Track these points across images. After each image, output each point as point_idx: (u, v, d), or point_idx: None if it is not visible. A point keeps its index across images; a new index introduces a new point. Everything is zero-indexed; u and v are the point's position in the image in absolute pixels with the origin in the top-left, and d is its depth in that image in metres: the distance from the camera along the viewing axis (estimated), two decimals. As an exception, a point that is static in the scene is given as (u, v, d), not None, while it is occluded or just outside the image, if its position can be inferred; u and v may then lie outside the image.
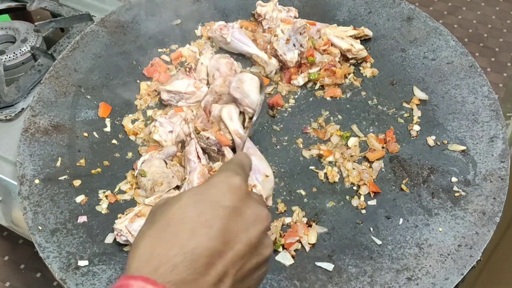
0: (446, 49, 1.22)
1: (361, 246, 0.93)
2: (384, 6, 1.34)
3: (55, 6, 1.54)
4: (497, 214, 0.94)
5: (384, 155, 1.06)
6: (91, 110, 1.17)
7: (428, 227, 0.94)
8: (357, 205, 0.99)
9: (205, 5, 1.39)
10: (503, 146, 1.03)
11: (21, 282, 1.80)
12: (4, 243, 1.88)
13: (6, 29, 1.44)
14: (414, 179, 1.02)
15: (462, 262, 0.88)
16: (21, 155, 1.06)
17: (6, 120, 1.27)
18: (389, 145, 1.06)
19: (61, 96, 1.18)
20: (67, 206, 0.99)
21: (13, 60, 1.37)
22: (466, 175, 1.00)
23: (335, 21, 1.32)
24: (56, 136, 1.10)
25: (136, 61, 1.26)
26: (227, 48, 1.25)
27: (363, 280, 0.88)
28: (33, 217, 0.96)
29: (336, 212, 0.98)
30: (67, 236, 0.95)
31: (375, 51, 1.25)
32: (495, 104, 1.10)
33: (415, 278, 0.87)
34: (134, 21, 1.34)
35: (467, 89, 1.14)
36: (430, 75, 1.19)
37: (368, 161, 1.05)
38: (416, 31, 1.27)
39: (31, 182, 1.02)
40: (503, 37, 2.53)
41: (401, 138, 1.09)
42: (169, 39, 1.32)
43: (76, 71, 1.23)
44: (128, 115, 1.16)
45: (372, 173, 1.02)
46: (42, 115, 1.13)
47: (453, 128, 1.08)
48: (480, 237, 0.91)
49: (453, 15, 2.64)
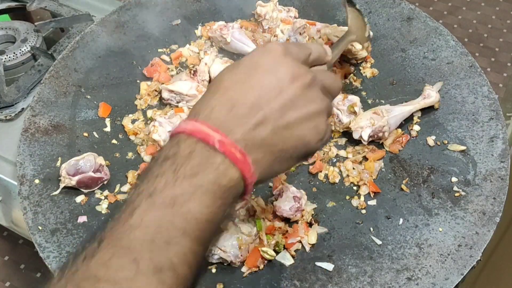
0: (446, 49, 1.22)
1: (361, 246, 0.93)
2: (384, 6, 1.34)
3: (55, 6, 1.54)
4: (497, 214, 0.94)
5: (384, 155, 1.06)
6: (91, 110, 1.17)
7: (428, 227, 0.94)
8: (357, 205, 0.99)
9: (205, 5, 1.39)
10: (503, 146, 1.03)
11: (21, 282, 1.80)
12: (4, 243, 1.88)
13: (6, 29, 1.44)
14: (414, 179, 1.02)
15: (462, 262, 0.88)
16: (21, 155, 1.06)
17: (6, 120, 1.28)
18: (390, 146, 1.06)
19: (61, 96, 1.18)
20: (67, 206, 0.99)
21: (13, 60, 1.37)
22: (466, 175, 1.00)
23: (335, 21, 1.32)
24: (56, 136, 1.11)
25: (136, 61, 1.26)
26: (227, 48, 1.25)
27: (363, 280, 0.88)
28: (33, 217, 0.96)
29: (336, 212, 0.98)
30: (67, 236, 0.95)
31: (375, 51, 1.25)
32: (495, 104, 1.10)
33: (415, 278, 0.87)
34: (134, 21, 1.34)
35: (467, 89, 1.14)
36: (430, 75, 1.19)
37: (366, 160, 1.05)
38: (416, 31, 1.27)
39: (31, 182, 1.02)
40: (503, 37, 2.53)
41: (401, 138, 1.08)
42: (169, 39, 1.32)
43: (76, 71, 1.23)
44: (128, 115, 1.16)
45: (373, 173, 1.02)
46: (42, 115, 1.13)
47: (453, 128, 1.08)
48: (480, 237, 0.91)
49: (453, 15, 2.64)
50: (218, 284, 0.89)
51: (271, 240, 0.92)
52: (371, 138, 1.03)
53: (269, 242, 0.92)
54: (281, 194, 0.95)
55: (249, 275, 0.90)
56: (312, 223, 0.96)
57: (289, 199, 0.94)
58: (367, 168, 1.02)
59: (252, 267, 0.90)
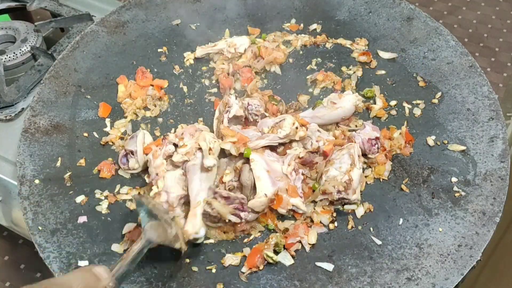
0: (446, 49, 1.22)
1: (361, 246, 0.93)
2: (384, 6, 1.34)
3: (55, 6, 1.54)
4: (497, 214, 0.94)
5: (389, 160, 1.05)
6: (91, 110, 1.17)
7: (428, 227, 0.94)
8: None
9: (205, 5, 1.39)
10: (503, 146, 1.03)
11: (21, 282, 1.79)
12: (4, 243, 1.88)
13: (6, 29, 1.44)
14: (414, 179, 1.02)
15: (462, 262, 0.88)
16: (21, 155, 1.06)
17: (6, 120, 1.27)
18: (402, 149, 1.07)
19: (61, 96, 1.18)
20: (67, 206, 0.99)
21: (13, 60, 1.37)
22: (466, 175, 1.00)
23: (335, 21, 1.33)
24: (56, 136, 1.10)
25: (136, 61, 1.26)
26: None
27: (363, 280, 0.88)
28: (33, 217, 0.96)
29: (336, 212, 0.98)
30: (67, 236, 0.95)
31: (375, 51, 1.25)
32: (495, 104, 1.10)
33: (415, 278, 0.87)
34: (134, 21, 1.34)
35: (467, 89, 1.14)
36: (430, 75, 1.19)
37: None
38: (416, 31, 1.27)
39: (31, 182, 1.02)
40: (503, 37, 2.53)
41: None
42: (169, 39, 1.32)
43: (76, 71, 1.23)
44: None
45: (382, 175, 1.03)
46: (42, 115, 1.13)
47: (453, 128, 1.08)
48: (480, 237, 0.91)
49: (453, 15, 2.64)
50: (218, 284, 0.89)
51: (271, 240, 0.93)
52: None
53: (268, 242, 0.92)
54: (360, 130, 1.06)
55: (249, 275, 0.90)
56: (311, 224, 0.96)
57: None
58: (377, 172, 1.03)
59: (252, 267, 0.90)
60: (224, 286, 0.89)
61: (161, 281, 0.89)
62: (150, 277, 0.90)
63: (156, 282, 0.89)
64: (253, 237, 0.94)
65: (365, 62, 1.23)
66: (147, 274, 0.90)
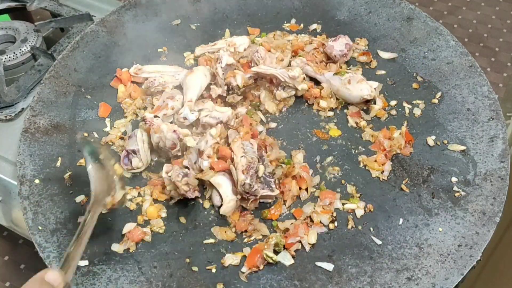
0: (446, 49, 1.22)
1: (361, 246, 0.93)
2: (384, 6, 1.34)
3: (55, 6, 1.54)
4: (497, 214, 0.93)
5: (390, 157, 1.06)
6: (91, 110, 1.17)
7: (428, 227, 0.94)
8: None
9: (205, 5, 1.39)
10: (503, 146, 1.03)
11: (21, 282, 1.79)
12: (4, 243, 1.88)
13: (6, 29, 1.44)
14: (414, 179, 1.02)
15: (462, 262, 0.88)
16: (21, 155, 1.06)
17: (6, 120, 1.28)
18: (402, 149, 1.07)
19: (61, 96, 1.18)
20: (67, 206, 0.99)
21: (13, 60, 1.37)
22: (466, 175, 1.00)
23: (335, 21, 1.32)
24: (56, 136, 1.11)
25: (136, 61, 1.26)
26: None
27: (363, 280, 0.88)
28: (33, 217, 0.96)
29: (336, 212, 0.98)
30: (67, 236, 0.95)
31: (375, 51, 1.25)
32: (495, 104, 1.10)
33: (415, 278, 0.87)
34: (134, 21, 1.34)
35: (467, 89, 1.14)
36: (430, 75, 1.19)
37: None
38: (416, 31, 1.27)
39: (31, 182, 1.02)
40: (503, 37, 2.53)
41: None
42: (169, 39, 1.32)
43: (76, 71, 1.23)
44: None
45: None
46: (42, 115, 1.13)
47: (453, 128, 1.08)
48: (480, 237, 0.91)
49: (453, 15, 2.65)
50: (218, 284, 0.89)
51: (271, 240, 0.93)
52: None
53: (268, 242, 0.92)
54: (336, 39, 1.20)
55: (249, 275, 0.90)
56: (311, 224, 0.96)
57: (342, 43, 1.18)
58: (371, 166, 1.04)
59: (252, 267, 0.90)
60: (224, 286, 0.89)
61: (161, 281, 0.89)
62: (150, 277, 0.90)
63: (156, 282, 0.89)
64: (253, 238, 0.94)
65: (365, 62, 1.24)
66: (147, 274, 0.90)
